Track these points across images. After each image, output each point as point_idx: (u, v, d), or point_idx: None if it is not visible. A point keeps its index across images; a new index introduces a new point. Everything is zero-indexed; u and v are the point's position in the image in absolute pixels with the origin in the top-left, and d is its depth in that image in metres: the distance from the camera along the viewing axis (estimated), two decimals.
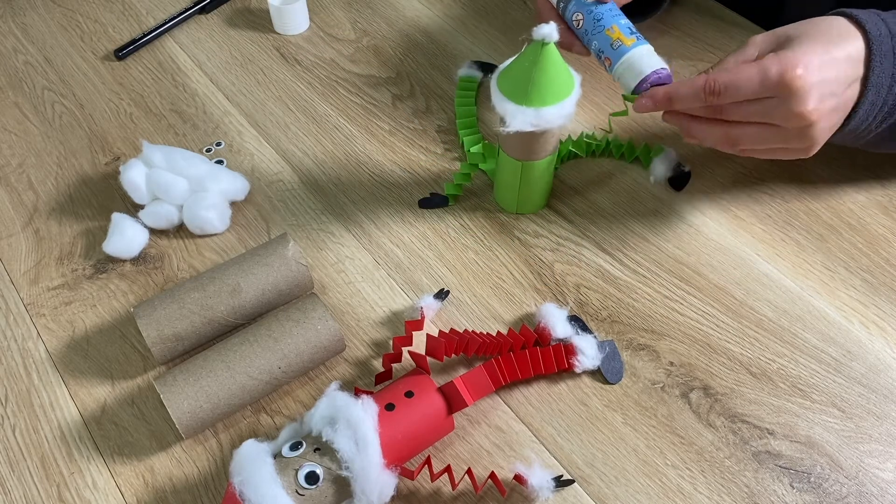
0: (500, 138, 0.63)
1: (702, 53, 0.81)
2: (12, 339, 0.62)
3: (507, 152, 0.63)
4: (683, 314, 0.61)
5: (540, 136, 0.60)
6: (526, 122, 0.57)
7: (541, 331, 0.59)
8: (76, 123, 0.78)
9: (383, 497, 0.49)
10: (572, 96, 0.58)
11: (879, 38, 0.56)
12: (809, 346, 0.59)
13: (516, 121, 0.57)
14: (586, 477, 0.54)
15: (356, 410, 0.49)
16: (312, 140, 0.75)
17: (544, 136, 0.60)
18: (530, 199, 0.67)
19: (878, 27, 0.56)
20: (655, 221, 0.68)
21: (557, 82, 0.57)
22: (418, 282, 0.64)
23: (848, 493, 0.52)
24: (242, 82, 0.81)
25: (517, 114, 0.57)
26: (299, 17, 0.86)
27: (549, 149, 0.62)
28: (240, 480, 0.47)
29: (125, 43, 0.85)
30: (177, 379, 0.54)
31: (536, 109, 0.57)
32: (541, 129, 0.58)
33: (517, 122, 0.57)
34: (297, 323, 0.56)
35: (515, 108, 0.57)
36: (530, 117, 0.57)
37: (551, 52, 0.56)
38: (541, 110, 0.57)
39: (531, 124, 0.57)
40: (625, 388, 0.57)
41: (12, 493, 0.54)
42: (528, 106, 0.57)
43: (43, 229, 0.69)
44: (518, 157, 0.62)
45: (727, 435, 0.55)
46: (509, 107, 0.58)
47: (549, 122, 0.57)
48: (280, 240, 0.61)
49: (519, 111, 0.57)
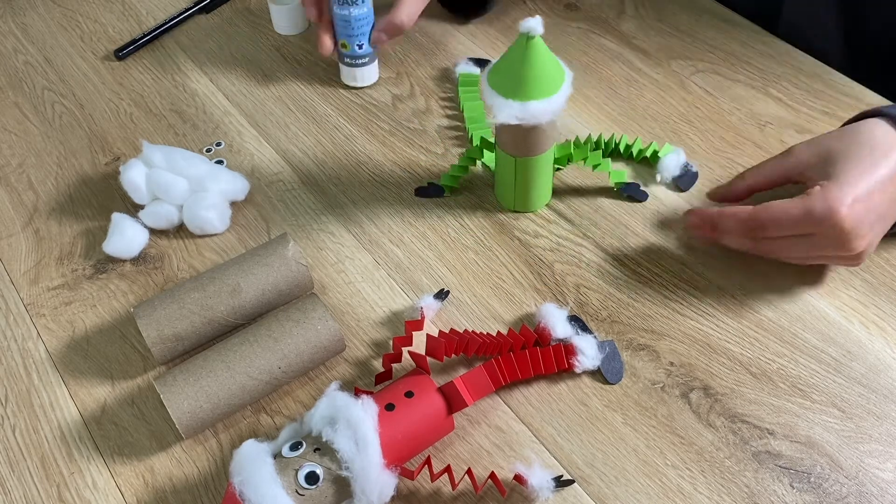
0: (496, 134, 0.63)
1: (702, 53, 0.81)
2: (12, 339, 0.62)
3: (502, 148, 0.63)
4: (683, 314, 0.61)
5: (530, 132, 0.60)
6: (511, 115, 0.57)
7: (541, 331, 0.59)
8: (76, 123, 0.78)
9: (383, 497, 0.49)
10: (561, 92, 0.58)
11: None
12: (809, 346, 0.59)
13: (502, 114, 0.58)
14: (586, 477, 0.54)
15: (356, 410, 0.49)
16: (312, 140, 0.75)
17: (535, 132, 0.60)
18: (528, 197, 0.67)
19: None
20: (655, 221, 0.67)
21: (545, 77, 0.57)
22: (418, 282, 0.64)
23: (848, 493, 0.52)
24: (242, 82, 0.81)
25: (503, 107, 0.58)
26: (299, 17, 0.85)
27: (542, 145, 0.62)
28: (240, 480, 0.47)
29: (125, 43, 0.85)
30: (177, 379, 0.54)
31: (522, 103, 0.57)
32: (528, 124, 0.58)
33: (503, 115, 0.58)
34: (297, 323, 0.56)
35: (502, 101, 0.58)
36: (516, 111, 0.57)
37: (537, 46, 0.56)
38: (527, 104, 0.57)
39: (516, 118, 0.58)
40: (625, 388, 0.57)
41: (12, 493, 0.54)
42: (514, 100, 0.57)
43: (43, 229, 0.69)
44: (512, 153, 0.63)
45: (727, 435, 0.55)
46: (497, 100, 0.58)
47: (536, 116, 0.58)
48: (280, 240, 0.61)
49: (505, 104, 0.58)
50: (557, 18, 0.86)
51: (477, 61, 0.80)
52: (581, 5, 0.88)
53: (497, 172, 0.67)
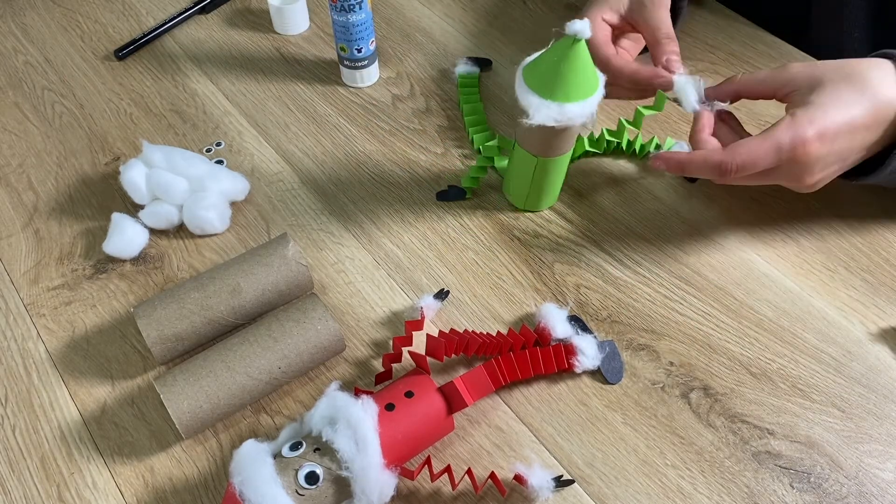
0: (518, 133, 0.63)
1: (702, 53, 0.81)
2: (12, 339, 0.62)
3: (524, 147, 0.63)
4: (683, 314, 0.61)
5: (560, 133, 0.60)
6: (550, 116, 0.57)
7: (541, 331, 0.59)
8: (76, 123, 0.78)
9: (383, 497, 0.49)
10: (596, 94, 0.58)
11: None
12: (809, 346, 0.59)
13: (540, 114, 0.57)
14: (586, 477, 0.54)
15: (356, 410, 0.49)
16: (312, 140, 0.75)
17: (565, 133, 0.60)
18: (541, 196, 0.67)
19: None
20: (655, 221, 0.68)
21: (583, 79, 0.57)
22: (418, 282, 0.64)
23: (848, 493, 0.52)
24: (242, 82, 0.81)
25: (541, 107, 0.57)
26: (299, 17, 0.86)
27: (566, 146, 0.62)
28: (240, 480, 0.47)
29: (125, 43, 0.85)
30: (177, 379, 0.54)
31: (561, 105, 0.57)
32: (562, 125, 0.58)
33: (541, 116, 0.57)
34: (297, 323, 0.56)
35: (540, 101, 0.57)
36: (554, 112, 0.57)
37: (581, 49, 0.56)
38: (565, 106, 0.57)
39: (555, 119, 0.57)
40: (625, 388, 0.57)
41: (12, 493, 0.54)
42: (552, 100, 0.57)
43: (43, 229, 0.69)
44: (535, 153, 0.62)
45: (727, 435, 0.55)
46: (534, 100, 0.57)
47: (572, 118, 0.57)
48: (280, 240, 0.61)
49: (543, 105, 0.57)
50: (558, 18, 0.86)
51: (476, 61, 0.80)
52: (581, 5, 0.88)
53: (512, 171, 0.67)
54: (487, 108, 0.77)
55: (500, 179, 0.71)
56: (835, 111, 0.55)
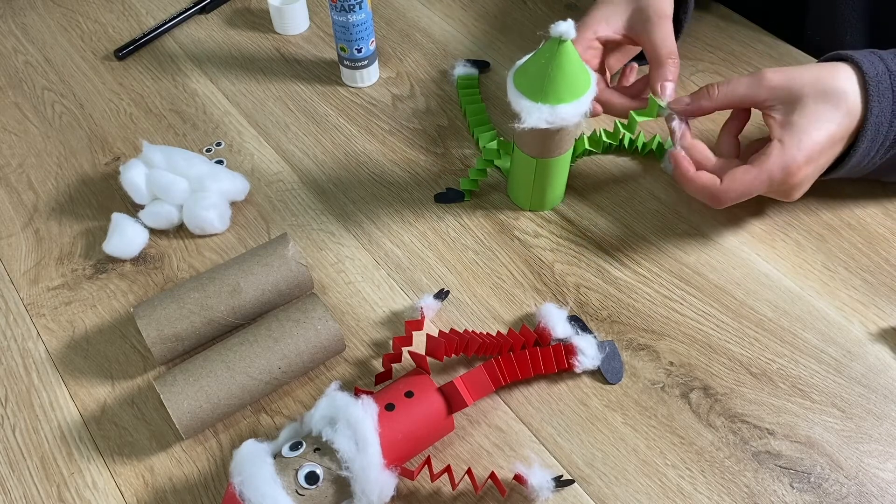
0: (515, 135, 0.63)
1: (702, 53, 0.81)
2: (12, 339, 0.62)
3: (522, 149, 0.63)
4: (683, 314, 0.61)
5: (556, 134, 0.60)
6: (541, 119, 0.57)
7: (541, 331, 0.59)
8: (76, 123, 0.78)
9: (383, 497, 0.49)
10: (588, 94, 0.58)
11: (877, 78, 0.58)
12: (809, 346, 0.59)
13: (532, 118, 0.57)
14: (586, 477, 0.54)
15: (356, 410, 0.49)
16: (312, 140, 0.75)
17: (560, 134, 0.60)
18: (544, 196, 0.67)
19: (876, 66, 0.59)
20: (655, 221, 0.68)
21: (574, 80, 0.57)
22: (418, 282, 0.64)
23: (848, 493, 0.52)
24: (242, 82, 0.81)
25: (533, 111, 0.57)
26: (299, 17, 0.86)
27: (564, 146, 0.62)
28: (240, 480, 0.47)
29: (125, 43, 0.85)
30: (177, 379, 0.54)
31: (552, 107, 0.57)
32: (556, 127, 0.58)
33: (532, 119, 0.57)
34: (297, 323, 0.56)
35: (531, 104, 0.57)
36: (546, 114, 0.57)
37: (568, 50, 0.56)
38: (556, 107, 0.57)
39: (546, 121, 0.57)
40: (625, 388, 0.57)
41: (12, 493, 0.54)
42: (543, 103, 0.57)
43: (43, 229, 0.69)
44: (533, 155, 0.62)
45: (727, 435, 0.55)
46: (525, 103, 0.57)
47: (565, 119, 0.57)
48: (280, 240, 0.61)
49: (535, 108, 0.57)
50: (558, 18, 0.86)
51: (474, 62, 0.80)
52: (581, 5, 0.88)
53: (514, 173, 0.67)
54: (489, 108, 0.77)
55: (500, 179, 0.71)
56: (817, 132, 0.58)
